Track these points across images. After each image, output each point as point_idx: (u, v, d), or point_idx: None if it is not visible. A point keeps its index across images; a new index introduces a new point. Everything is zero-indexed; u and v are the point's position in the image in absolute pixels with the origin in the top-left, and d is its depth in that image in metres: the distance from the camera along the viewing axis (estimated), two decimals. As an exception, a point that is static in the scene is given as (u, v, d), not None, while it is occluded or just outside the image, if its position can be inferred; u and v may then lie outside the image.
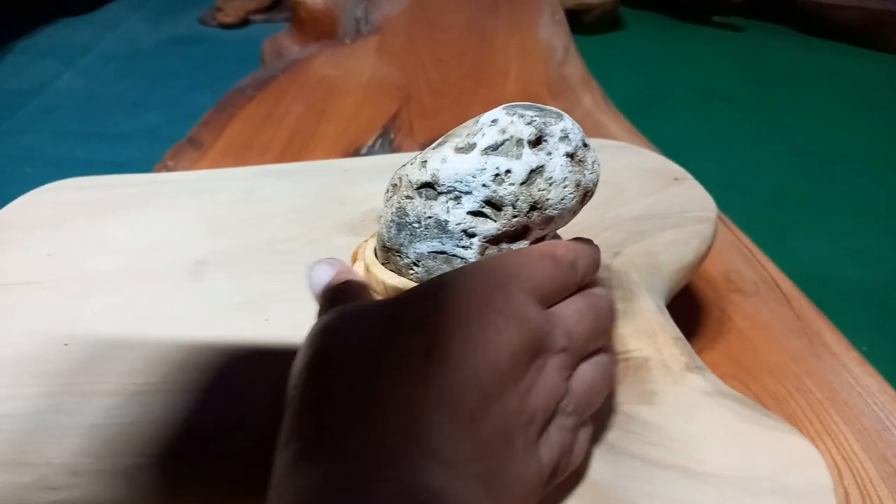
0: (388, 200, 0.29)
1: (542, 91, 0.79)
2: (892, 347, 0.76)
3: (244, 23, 1.84)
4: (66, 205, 0.39)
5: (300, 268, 0.35)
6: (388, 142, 0.68)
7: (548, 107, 0.27)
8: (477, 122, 0.27)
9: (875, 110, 1.38)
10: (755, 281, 0.50)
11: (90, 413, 0.27)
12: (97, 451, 0.26)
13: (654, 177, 0.43)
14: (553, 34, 0.96)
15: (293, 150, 0.66)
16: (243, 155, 0.65)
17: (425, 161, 0.27)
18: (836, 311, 0.50)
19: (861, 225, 1.03)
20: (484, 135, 0.26)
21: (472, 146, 0.26)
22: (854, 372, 0.43)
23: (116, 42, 1.70)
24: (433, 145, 0.28)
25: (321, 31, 1.08)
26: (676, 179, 0.43)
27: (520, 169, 0.25)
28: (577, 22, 1.66)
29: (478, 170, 0.25)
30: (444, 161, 0.26)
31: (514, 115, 0.26)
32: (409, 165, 0.28)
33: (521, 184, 0.25)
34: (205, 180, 0.42)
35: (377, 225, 0.38)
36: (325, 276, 0.27)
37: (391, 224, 0.28)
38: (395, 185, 0.28)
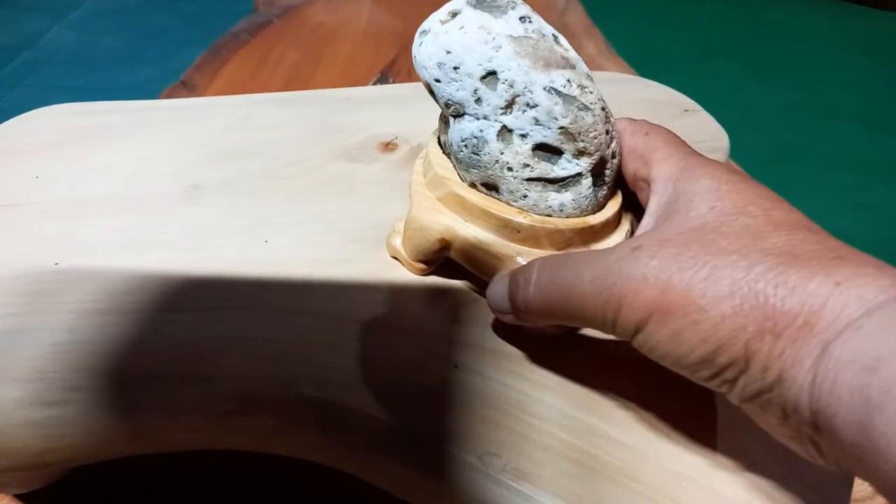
0: None
1: (544, 38, 0.77)
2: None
3: (236, -22, 1.79)
4: (55, 130, 0.38)
5: (299, 193, 0.34)
6: (390, 84, 0.67)
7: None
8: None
9: (876, 68, 1.36)
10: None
11: (85, 330, 0.26)
12: (94, 366, 0.25)
13: (663, 108, 0.42)
14: (555, -17, 0.94)
15: (290, 93, 0.64)
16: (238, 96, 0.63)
17: None
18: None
19: (862, 181, 1.02)
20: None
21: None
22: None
23: (105, -4, 1.66)
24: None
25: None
26: (687, 111, 0.41)
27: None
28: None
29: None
30: None
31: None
32: None
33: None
34: (200, 107, 0.40)
35: (376, 152, 0.37)
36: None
37: None
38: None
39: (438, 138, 0.29)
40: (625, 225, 0.28)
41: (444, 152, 0.28)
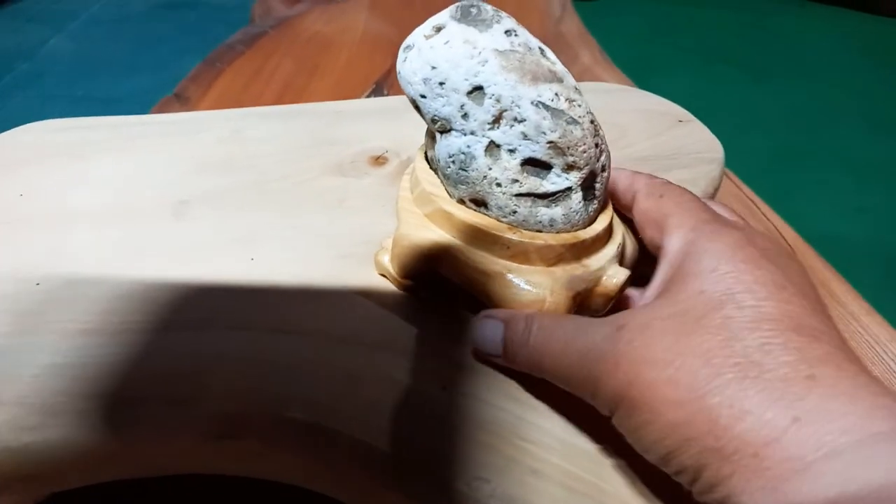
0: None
1: (541, 46, 0.77)
2: (897, 307, 0.75)
3: (235, -12, 1.79)
4: (40, 146, 0.37)
5: (288, 207, 0.33)
6: (381, 97, 0.66)
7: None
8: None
9: (876, 72, 1.36)
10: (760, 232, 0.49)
11: (68, 352, 0.26)
12: (75, 390, 0.25)
13: (658, 118, 0.41)
14: (551, -9, 0.93)
15: (284, 104, 0.64)
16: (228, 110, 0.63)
17: None
18: (841, 269, 0.48)
19: (864, 184, 1.02)
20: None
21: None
22: (863, 321, 0.42)
23: (106, 7, 1.66)
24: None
25: (313, -11, 1.04)
26: (681, 122, 0.41)
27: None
28: (575, -15, 1.63)
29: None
30: None
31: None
32: None
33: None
34: (190, 121, 0.40)
35: (367, 166, 0.36)
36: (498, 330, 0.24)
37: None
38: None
39: (425, 154, 0.29)
40: (617, 238, 0.27)
41: (431, 168, 0.28)
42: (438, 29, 0.25)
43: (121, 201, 0.33)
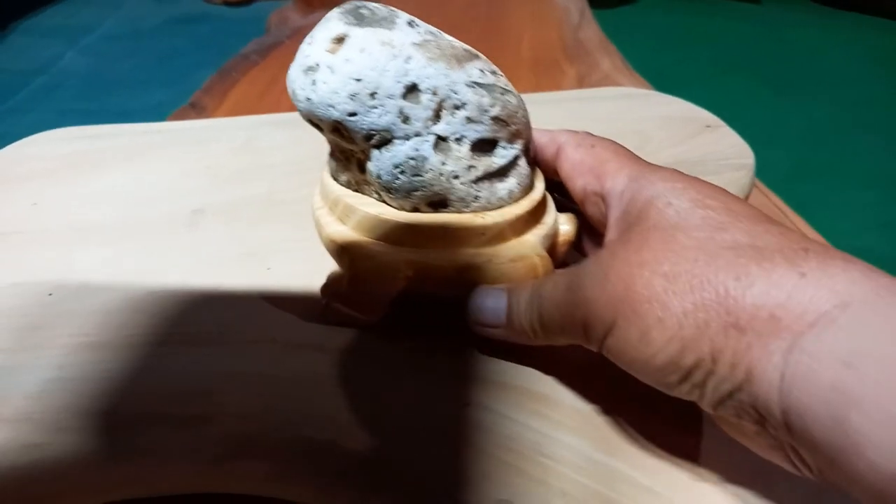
0: None
1: (559, 55, 0.76)
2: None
3: (248, 0, 1.81)
4: (54, 156, 0.37)
5: (301, 219, 0.32)
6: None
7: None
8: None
9: (898, 81, 1.34)
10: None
11: (76, 367, 0.25)
12: (83, 407, 0.24)
13: (684, 125, 0.40)
14: (567, -1, 0.93)
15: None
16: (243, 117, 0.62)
17: None
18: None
19: (888, 198, 1.00)
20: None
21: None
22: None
23: (120, 22, 1.68)
24: None
25: (327, 0, 1.05)
26: (709, 127, 0.40)
27: None
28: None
29: None
30: None
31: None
32: None
33: None
34: (202, 130, 0.39)
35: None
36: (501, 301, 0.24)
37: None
38: None
39: (336, 181, 0.27)
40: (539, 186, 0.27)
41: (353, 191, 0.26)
42: (341, 40, 0.23)
43: (133, 212, 0.33)
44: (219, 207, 0.33)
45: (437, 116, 0.23)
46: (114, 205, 0.33)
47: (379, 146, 0.24)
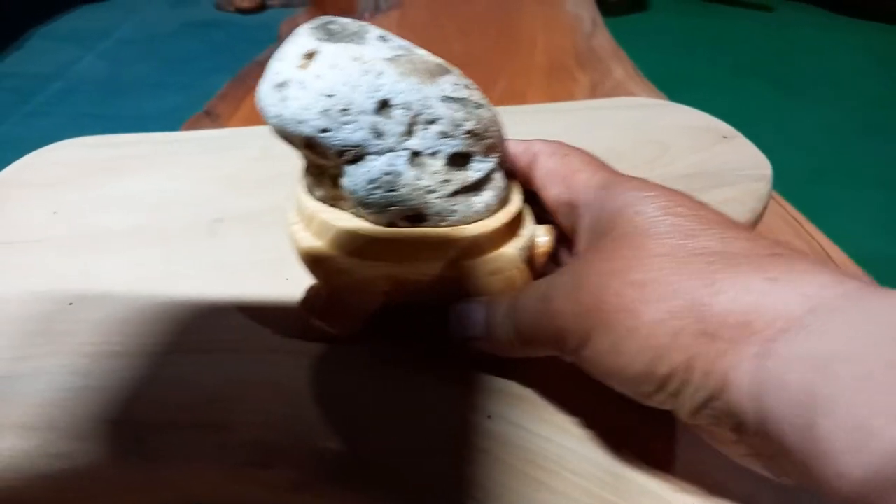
0: None
1: (571, 62, 0.76)
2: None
3: (261, 7, 1.82)
4: (74, 163, 0.37)
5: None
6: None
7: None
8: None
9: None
10: (806, 251, 0.47)
11: (98, 375, 0.25)
12: (106, 415, 0.24)
13: (700, 134, 0.40)
14: (580, 6, 0.93)
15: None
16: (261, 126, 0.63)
17: None
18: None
19: (902, 201, 0.99)
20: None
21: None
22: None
23: (135, 27, 1.69)
24: None
25: (340, 8, 1.05)
26: (725, 137, 0.40)
27: None
28: (601, 1, 1.62)
29: None
30: None
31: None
32: None
33: None
34: (220, 138, 0.40)
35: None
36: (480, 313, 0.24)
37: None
38: None
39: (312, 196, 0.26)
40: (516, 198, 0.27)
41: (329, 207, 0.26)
42: (311, 55, 0.23)
43: (154, 220, 0.33)
44: (238, 216, 0.33)
45: (410, 131, 0.23)
46: (134, 213, 0.33)
47: (353, 162, 0.23)
